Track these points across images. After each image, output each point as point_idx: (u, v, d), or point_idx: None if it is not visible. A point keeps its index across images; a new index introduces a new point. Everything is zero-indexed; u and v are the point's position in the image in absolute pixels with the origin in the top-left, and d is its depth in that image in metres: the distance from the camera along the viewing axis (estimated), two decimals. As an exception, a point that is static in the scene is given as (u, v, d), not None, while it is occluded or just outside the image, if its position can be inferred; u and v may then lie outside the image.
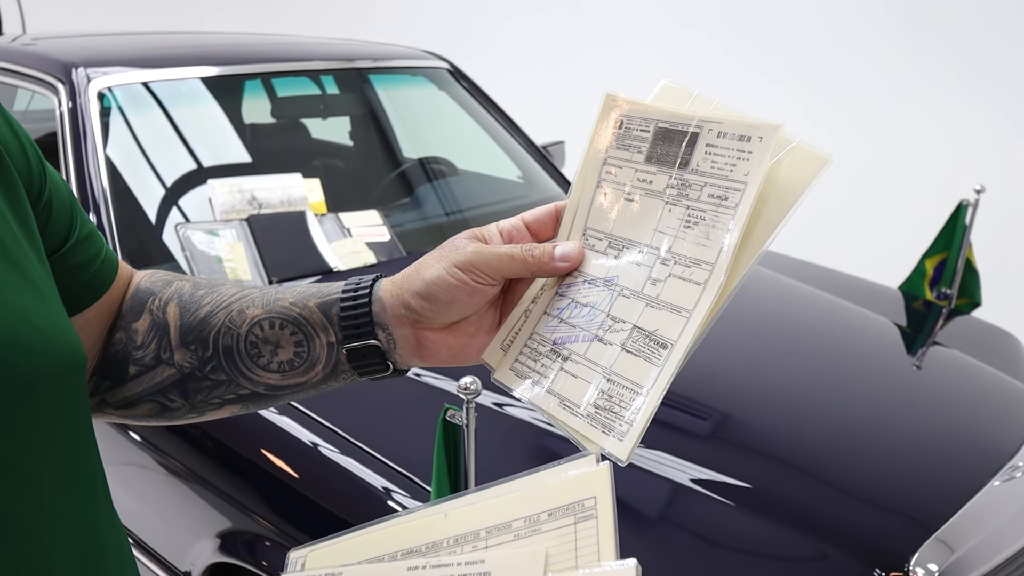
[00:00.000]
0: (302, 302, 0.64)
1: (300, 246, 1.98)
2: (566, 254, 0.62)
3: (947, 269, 2.22)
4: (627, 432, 0.56)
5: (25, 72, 2.17)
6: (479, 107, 2.69)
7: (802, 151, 0.56)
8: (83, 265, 0.64)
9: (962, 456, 1.50)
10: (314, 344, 0.63)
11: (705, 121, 0.59)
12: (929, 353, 2.00)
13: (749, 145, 0.56)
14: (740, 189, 0.56)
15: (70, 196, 0.64)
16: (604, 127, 0.65)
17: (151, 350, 0.66)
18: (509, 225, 0.64)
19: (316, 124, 2.65)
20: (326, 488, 1.39)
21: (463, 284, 0.60)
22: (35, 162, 0.59)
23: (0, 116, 0.56)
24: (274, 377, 0.64)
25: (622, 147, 0.63)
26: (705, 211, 0.58)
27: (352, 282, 0.64)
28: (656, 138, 0.61)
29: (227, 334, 0.64)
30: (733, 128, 0.57)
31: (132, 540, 1.71)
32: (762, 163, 0.55)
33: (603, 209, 0.64)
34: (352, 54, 2.55)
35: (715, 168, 0.58)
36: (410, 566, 0.49)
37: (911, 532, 1.27)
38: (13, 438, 0.45)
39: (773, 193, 0.56)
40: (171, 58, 2.26)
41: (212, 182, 2.04)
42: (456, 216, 2.44)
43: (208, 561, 1.50)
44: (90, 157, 1.94)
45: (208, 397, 0.65)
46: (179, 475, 1.57)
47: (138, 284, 0.70)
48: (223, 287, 0.68)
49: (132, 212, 1.97)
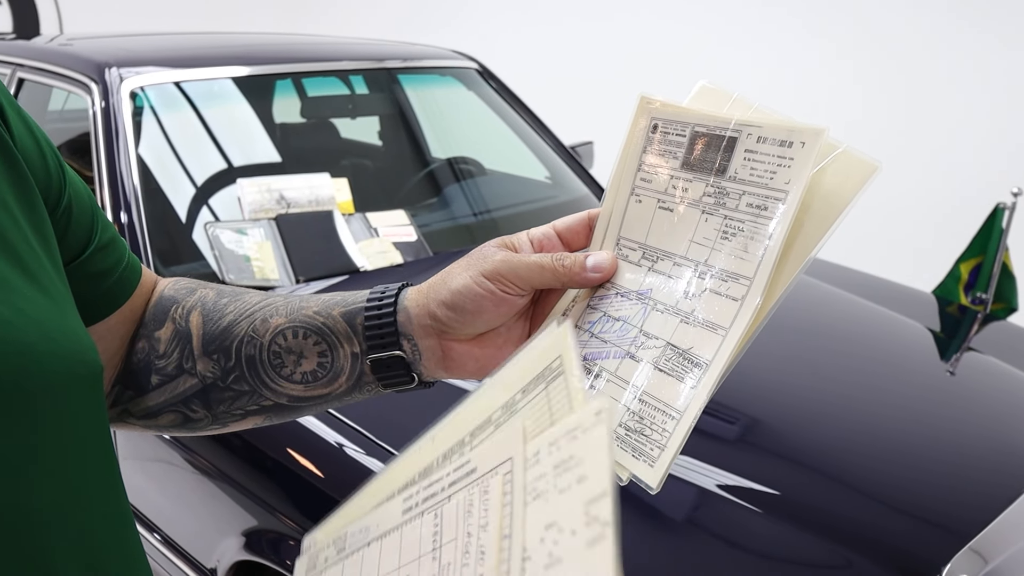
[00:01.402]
0: (326, 311, 0.62)
1: (327, 245, 1.99)
2: (598, 264, 0.59)
3: (983, 273, 2.19)
4: (658, 457, 0.53)
5: (60, 72, 2.21)
6: (507, 107, 2.69)
7: (848, 157, 0.52)
8: (104, 272, 0.63)
9: (997, 464, 1.47)
10: (338, 354, 0.62)
11: (744, 125, 0.55)
12: (964, 359, 1.97)
13: (791, 151, 0.52)
14: (781, 199, 0.53)
15: (91, 202, 0.62)
16: (638, 131, 0.61)
17: (173, 359, 0.65)
18: (540, 233, 0.62)
19: (345, 124, 2.66)
20: (351, 489, 1.39)
21: (490, 294, 0.58)
22: (54, 167, 0.58)
23: (20, 120, 0.56)
24: (297, 388, 0.63)
25: (657, 152, 0.60)
26: (744, 221, 0.54)
27: (377, 290, 0.63)
28: (692, 143, 0.58)
29: (250, 343, 0.63)
30: (773, 133, 0.54)
31: (159, 536, 1.72)
32: (804, 171, 0.52)
33: (637, 218, 0.61)
34: (381, 54, 2.55)
35: (754, 176, 0.54)
36: (405, 497, 0.49)
37: (944, 541, 1.24)
38: (23, 447, 0.45)
39: (816, 202, 0.52)
40: (202, 58, 2.28)
41: (241, 181, 2.06)
42: (483, 216, 2.44)
43: (233, 559, 1.51)
44: (122, 156, 1.96)
45: (231, 408, 0.64)
46: (206, 473, 1.58)
47: (162, 292, 0.69)
48: (247, 295, 0.67)
49: (163, 211, 1.99)
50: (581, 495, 0.37)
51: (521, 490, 0.41)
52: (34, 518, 0.45)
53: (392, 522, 0.49)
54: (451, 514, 0.45)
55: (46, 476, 0.46)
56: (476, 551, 0.42)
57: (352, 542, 0.51)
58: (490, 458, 0.45)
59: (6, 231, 0.48)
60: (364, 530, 0.51)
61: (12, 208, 0.50)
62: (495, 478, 0.44)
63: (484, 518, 0.42)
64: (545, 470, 0.40)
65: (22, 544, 0.44)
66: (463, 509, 0.44)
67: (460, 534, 0.43)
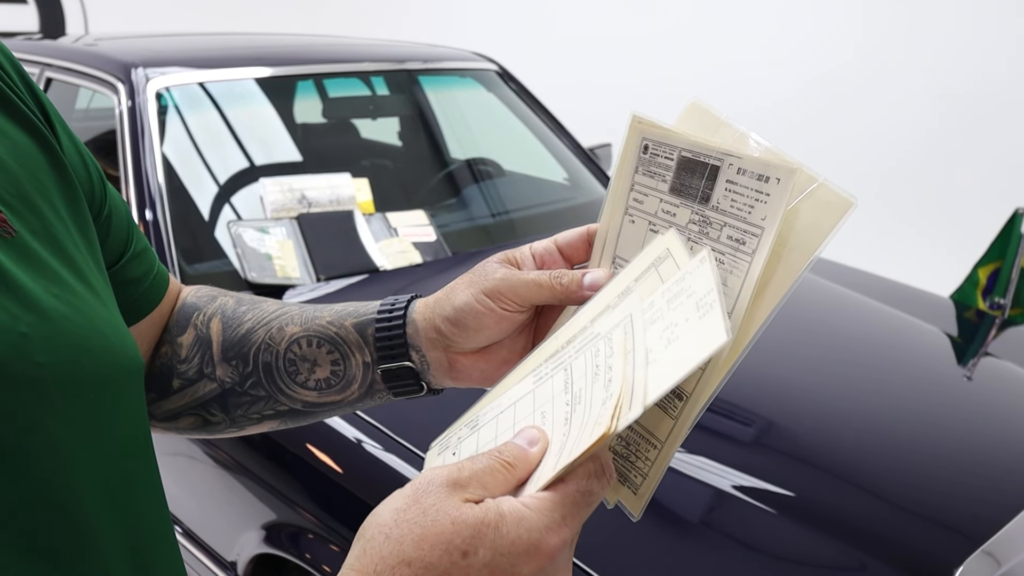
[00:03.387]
0: (339, 321, 0.65)
1: (348, 245, 2.01)
2: (594, 283, 0.60)
3: (1001, 278, 2.18)
4: (640, 485, 0.54)
5: (87, 72, 2.24)
6: (526, 109, 2.70)
7: (825, 192, 0.51)
8: (137, 279, 0.65)
9: (1012, 469, 1.47)
10: (350, 363, 0.64)
11: (725, 155, 0.54)
12: (980, 364, 1.96)
13: (767, 186, 0.51)
14: (757, 235, 0.52)
15: (127, 213, 0.65)
16: (630, 151, 0.61)
17: (194, 364, 0.67)
18: (542, 248, 0.63)
19: (366, 124, 2.69)
20: (370, 484, 1.41)
21: (490, 311, 0.60)
22: (97, 180, 0.61)
23: (65, 133, 0.58)
24: (311, 395, 0.65)
25: (648, 174, 0.60)
26: (724, 254, 0.53)
27: (388, 302, 0.65)
28: (680, 168, 0.57)
29: (267, 351, 0.65)
30: (752, 165, 0.52)
31: (180, 529, 1.75)
32: (779, 209, 0.51)
33: (631, 238, 0.61)
34: (402, 56, 2.58)
35: (735, 208, 0.53)
36: (535, 376, 0.53)
37: (957, 544, 1.24)
38: (76, 436, 0.47)
39: (793, 237, 0.52)
40: (226, 59, 2.31)
41: (263, 180, 2.09)
42: (502, 217, 2.46)
43: (253, 552, 1.53)
44: (147, 155, 1.99)
45: (248, 412, 0.67)
46: (227, 467, 1.60)
47: (185, 299, 0.72)
48: (264, 303, 0.69)
49: (186, 209, 2.02)
50: (692, 301, 0.47)
51: (641, 325, 0.49)
52: (83, 508, 0.47)
53: (524, 391, 0.53)
54: (580, 365, 0.50)
55: (95, 464, 0.48)
56: (605, 371, 0.47)
57: (484, 418, 0.54)
58: (611, 321, 0.52)
59: (59, 235, 0.51)
60: (496, 407, 0.55)
61: (62, 212, 0.52)
62: (617, 330, 0.50)
63: (610, 352, 0.48)
64: (660, 306, 0.49)
65: (70, 533, 0.46)
66: (590, 358, 0.50)
67: (588, 370, 0.49)
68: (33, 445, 0.44)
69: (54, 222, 0.51)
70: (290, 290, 1.87)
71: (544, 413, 0.49)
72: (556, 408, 0.49)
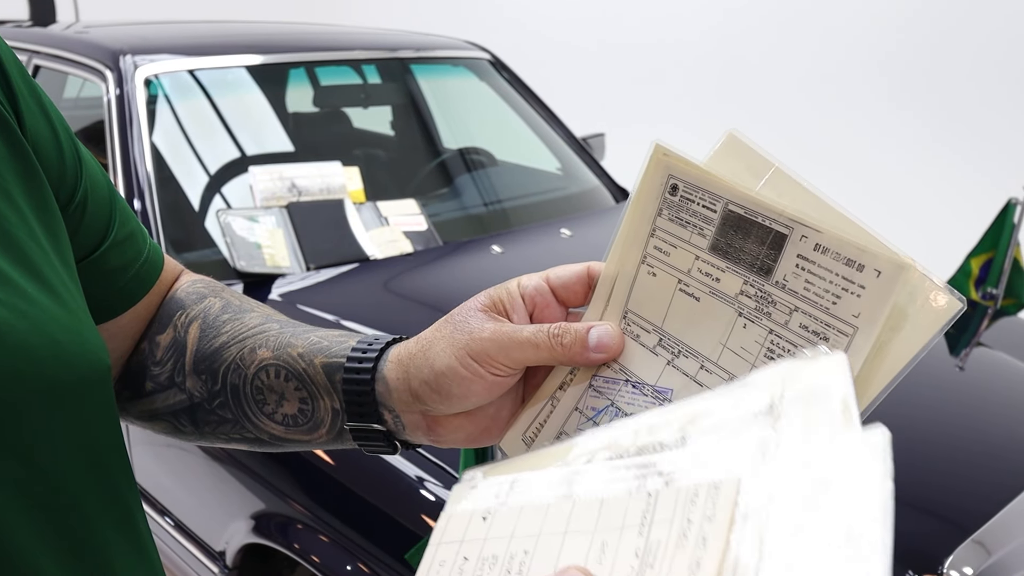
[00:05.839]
0: (309, 356, 0.57)
1: (338, 234, 2.00)
2: (603, 344, 0.51)
3: (993, 269, 2.17)
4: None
5: (76, 59, 2.22)
6: (519, 98, 2.69)
7: (926, 286, 0.42)
8: (119, 269, 0.60)
9: (1003, 458, 1.47)
10: (318, 405, 0.57)
11: (796, 223, 0.44)
12: (973, 354, 1.96)
13: (861, 277, 0.42)
14: (848, 333, 0.43)
15: (110, 195, 0.59)
16: (652, 186, 0.51)
17: (167, 369, 0.62)
18: (532, 288, 0.53)
19: (358, 113, 2.67)
20: (359, 475, 1.41)
21: (478, 377, 0.51)
22: (70, 158, 0.55)
23: (38, 108, 0.53)
24: (278, 428, 0.59)
25: (677, 221, 0.50)
26: (795, 344, 0.45)
27: (360, 347, 0.56)
28: (726, 224, 0.47)
29: (235, 372, 0.59)
30: (838, 246, 0.43)
31: (170, 520, 1.74)
32: (882, 308, 0.42)
33: (651, 294, 0.51)
34: (394, 44, 2.56)
35: (810, 292, 0.44)
36: (607, 474, 0.42)
37: (947, 533, 1.24)
38: (16, 457, 0.42)
39: (888, 336, 0.43)
40: (216, 46, 2.30)
41: (253, 169, 2.07)
42: (494, 206, 2.45)
43: (242, 542, 1.53)
44: (136, 143, 1.98)
45: (216, 431, 0.61)
46: (216, 457, 1.59)
47: (175, 291, 0.66)
48: (247, 315, 0.62)
49: (175, 197, 2.01)
50: (843, 527, 0.34)
51: (780, 514, 0.35)
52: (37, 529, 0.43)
53: (589, 495, 0.42)
54: (667, 503, 0.39)
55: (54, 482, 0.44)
56: (695, 539, 0.36)
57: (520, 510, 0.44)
58: (725, 461, 0.39)
59: (12, 228, 0.46)
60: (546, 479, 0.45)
61: (19, 203, 0.48)
62: (727, 486, 0.38)
63: (710, 513, 0.37)
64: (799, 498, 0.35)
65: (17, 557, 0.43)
66: (683, 503, 0.38)
67: (675, 520, 0.38)
68: None
69: (7, 215, 0.46)
70: (280, 279, 1.86)
71: (605, 548, 0.39)
72: (621, 552, 0.38)
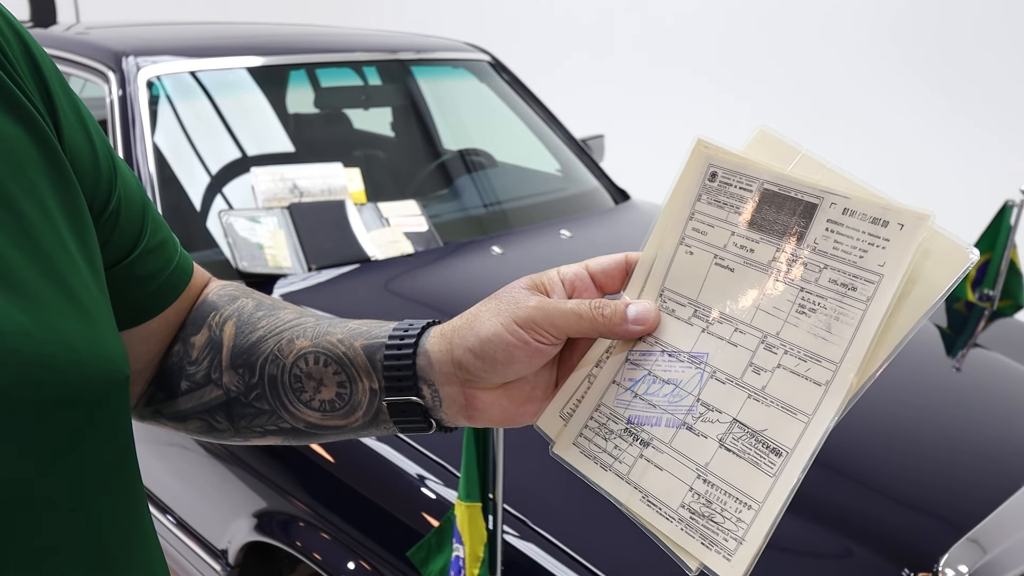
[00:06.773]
0: (349, 340, 0.60)
1: (339, 234, 2.01)
2: (641, 316, 0.55)
3: (990, 270, 2.19)
4: (735, 551, 0.49)
5: (77, 60, 2.23)
6: (519, 100, 2.70)
7: (942, 242, 0.48)
8: (149, 276, 0.61)
9: (999, 458, 1.48)
10: (356, 388, 0.59)
11: (825, 192, 0.51)
12: (969, 355, 1.98)
13: (886, 231, 0.48)
14: (874, 281, 0.49)
15: (143, 205, 0.61)
16: (692, 176, 0.57)
17: (203, 367, 0.64)
18: (572, 274, 0.58)
19: (358, 115, 2.68)
20: (360, 473, 1.42)
21: (523, 343, 0.54)
22: (106, 169, 0.56)
23: (76, 117, 0.53)
24: (315, 415, 0.61)
25: (715, 203, 0.56)
26: (826, 298, 0.50)
27: (401, 327, 0.59)
28: (763, 202, 0.53)
29: (274, 363, 0.61)
30: (864, 208, 0.49)
31: (172, 518, 1.75)
32: (905, 256, 0.48)
33: (688, 271, 0.56)
34: (395, 46, 2.57)
35: (839, 251, 0.50)
36: None
37: (942, 532, 1.25)
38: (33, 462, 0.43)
39: (908, 287, 0.48)
40: (218, 48, 2.31)
41: (255, 170, 2.08)
42: (494, 208, 2.46)
43: (244, 540, 1.54)
44: (138, 144, 1.99)
45: (251, 424, 0.63)
46: (219, 456, 1.60)
47: (206, 296, 0.68)
48: (282, 312, 0.65)
49: (178, 198, 2.02)
50: None
51: None
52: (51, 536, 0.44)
53: None
54: None
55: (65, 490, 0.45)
56: None
57: None
58: None
59: (41, 237, 0.46)
60: None
61: (52, 212, 0.48)
62: None
63: None
64: None
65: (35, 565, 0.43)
66: None
67: None
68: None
69: (37, 222, 0.46)
70: (281, 279, 1.87)
71: None
72: None
